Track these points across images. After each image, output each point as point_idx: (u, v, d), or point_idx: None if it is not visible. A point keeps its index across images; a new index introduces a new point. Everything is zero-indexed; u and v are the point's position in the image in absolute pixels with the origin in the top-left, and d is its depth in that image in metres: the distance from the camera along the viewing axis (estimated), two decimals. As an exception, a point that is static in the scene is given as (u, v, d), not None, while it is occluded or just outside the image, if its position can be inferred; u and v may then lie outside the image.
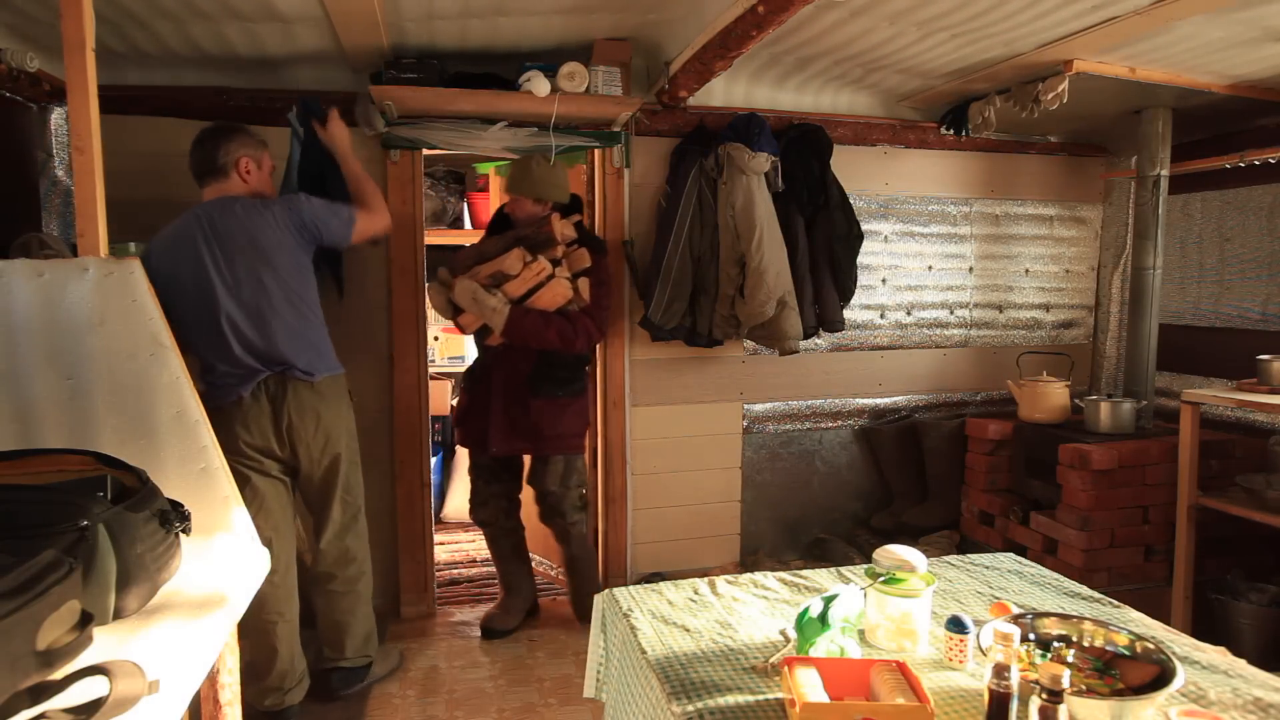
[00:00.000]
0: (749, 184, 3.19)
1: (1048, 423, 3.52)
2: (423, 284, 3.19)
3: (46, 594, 0.86)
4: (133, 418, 1.47)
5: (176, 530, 1.19)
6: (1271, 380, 2.92)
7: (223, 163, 2.36)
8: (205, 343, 2.29)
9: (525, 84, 2.88)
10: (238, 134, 2.41)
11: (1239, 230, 3.49)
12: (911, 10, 2.52)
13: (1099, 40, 2.61)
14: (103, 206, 1.56)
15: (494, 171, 4.45)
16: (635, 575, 3.61)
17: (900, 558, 1.54)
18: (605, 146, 3.36)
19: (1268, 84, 3.02)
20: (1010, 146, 3.93)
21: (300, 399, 2.39)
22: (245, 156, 2.39)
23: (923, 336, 3.94)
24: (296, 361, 2.37)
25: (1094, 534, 3.09)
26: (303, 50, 2.86)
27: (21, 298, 1.46)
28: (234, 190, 2.38)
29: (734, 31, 2.44)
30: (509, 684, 2.79)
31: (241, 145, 2.39)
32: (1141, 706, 1.22)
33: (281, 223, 2.36)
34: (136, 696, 0.86)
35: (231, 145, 2.37)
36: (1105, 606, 1.72)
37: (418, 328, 3.20)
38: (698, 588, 1.81)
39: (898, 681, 1.26)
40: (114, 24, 2.53)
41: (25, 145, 2.79)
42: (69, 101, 1.53)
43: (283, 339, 2.35)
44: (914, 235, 3.87)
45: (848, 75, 3.30)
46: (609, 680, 1.71)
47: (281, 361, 2.35)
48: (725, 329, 3.35)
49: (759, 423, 3.75)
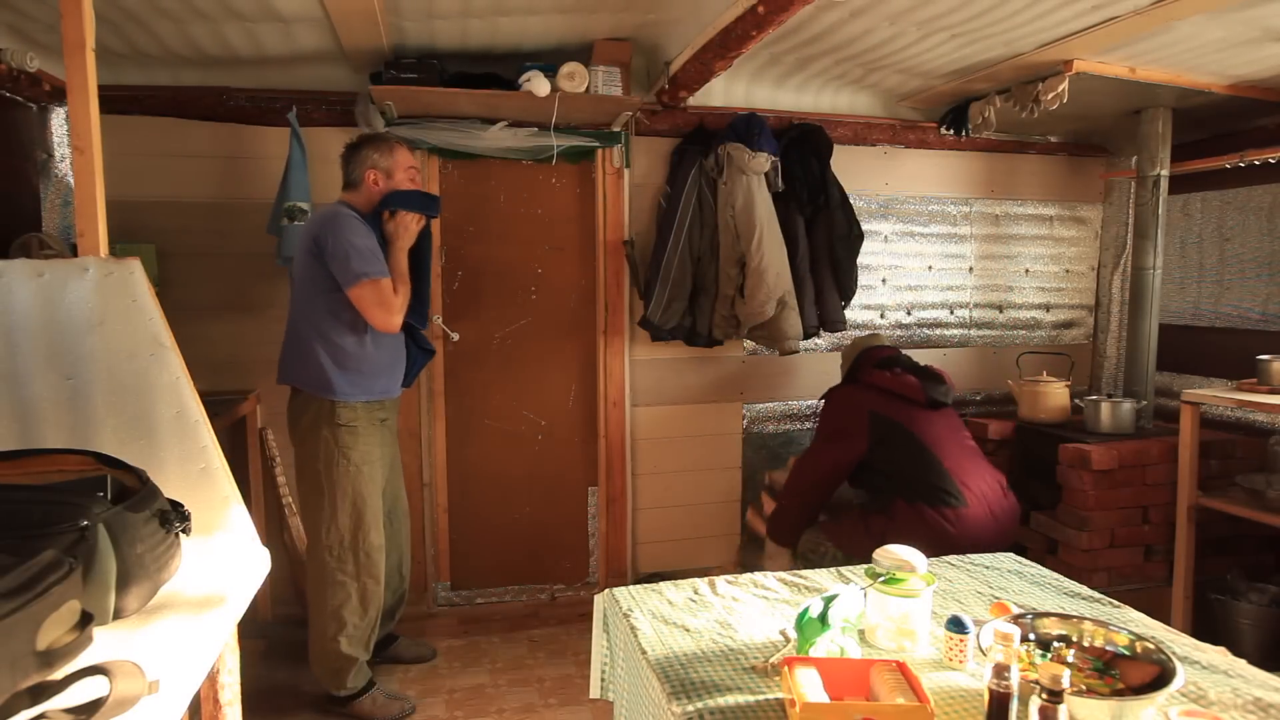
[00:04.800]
0: (749, 184, 3.19)
1: (1048, 423, 3.52)
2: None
3: (46, 594, 0.86)
4: (133, 418, 1.46)
5: (177, 530, 1.19)
6: (1271, 380, 2.92)
7: (354, 176, 2.53)
8: None
9: (525, 84, 2.88)
10: (367, 146, 2.53)
11: (1239, 230, 3.49)
12: (911, 10, 2.52)
13: (1099, 40, 2.61)
14: (103, 206, 1.56)
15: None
16: (636, 575, 3.61)
17: (900, 558, 1.54)
18: (605, 146, 3.36)
19: (1268, 84, 3.02)
20: (1010, 146, 3.93)
21: (288, 402, 2.56)
22: (372, 169, 2.50)
23: (923, 336, 3.94)
24: (280, 366, 2.55)
25: (1094, 534, 3.09)
26: (303, 50, 2.86)
27: (21, 298, 1.46)
28: (360, 198, 2.51)
29: (734, 31, 2.44)
30: (509, 684, 2.79)
31: (367, 158, 2.51)
32: (1141, 706, 1.22)
33: (309, 239, 2.44)
34: (136, 696, 0.86)
35: (359, 158, 2.52)
36: (1105, 606, 1.72)
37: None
38: (698, 588, 1.81)
39: (898, 681, 1.26)
40: (114, 24, 2.53)
41: (25, 145, 2.79)
42: (69, 101, 1.52)
43: (284, 343, 2.54)
44: (914, 235, 3.87)
45: (848, 75, 3.30)
46: (615, 680, 1.70)
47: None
48: (725, 329, 3.36)
49: (759, 423, 3.75)
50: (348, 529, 2.48)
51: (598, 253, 3.46)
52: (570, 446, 3.55)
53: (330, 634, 2.50)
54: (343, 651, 2.50)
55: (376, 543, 2.54)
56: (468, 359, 3.38)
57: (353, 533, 2.49)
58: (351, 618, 2.50)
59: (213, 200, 3.09)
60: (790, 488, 2.94)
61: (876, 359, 2.94)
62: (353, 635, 2.51)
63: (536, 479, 3.51)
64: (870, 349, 3.00)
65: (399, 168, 2.52)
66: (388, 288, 2.39)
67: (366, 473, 2.49)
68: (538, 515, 3.52)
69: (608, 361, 3.49)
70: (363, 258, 2.34)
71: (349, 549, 2.49)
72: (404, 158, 2.55)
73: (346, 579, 2.49)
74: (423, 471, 3.32)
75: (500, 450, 3.46)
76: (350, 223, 2.39)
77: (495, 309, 3.41)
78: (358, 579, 2.50)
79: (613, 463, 3.53)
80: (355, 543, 2.49)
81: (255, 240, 3.06)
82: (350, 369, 2.45)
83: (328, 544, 2.49)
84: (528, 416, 3.48)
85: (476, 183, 3.34)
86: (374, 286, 2.35)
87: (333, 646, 2.50)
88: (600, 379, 3.51)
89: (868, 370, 2.88)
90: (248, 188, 3.10)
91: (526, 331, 3.44)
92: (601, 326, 3.49)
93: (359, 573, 2.51)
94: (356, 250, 2.34)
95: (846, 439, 2.76)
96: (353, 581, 2.50)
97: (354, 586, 2.50)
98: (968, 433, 2.86)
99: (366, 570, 2.52)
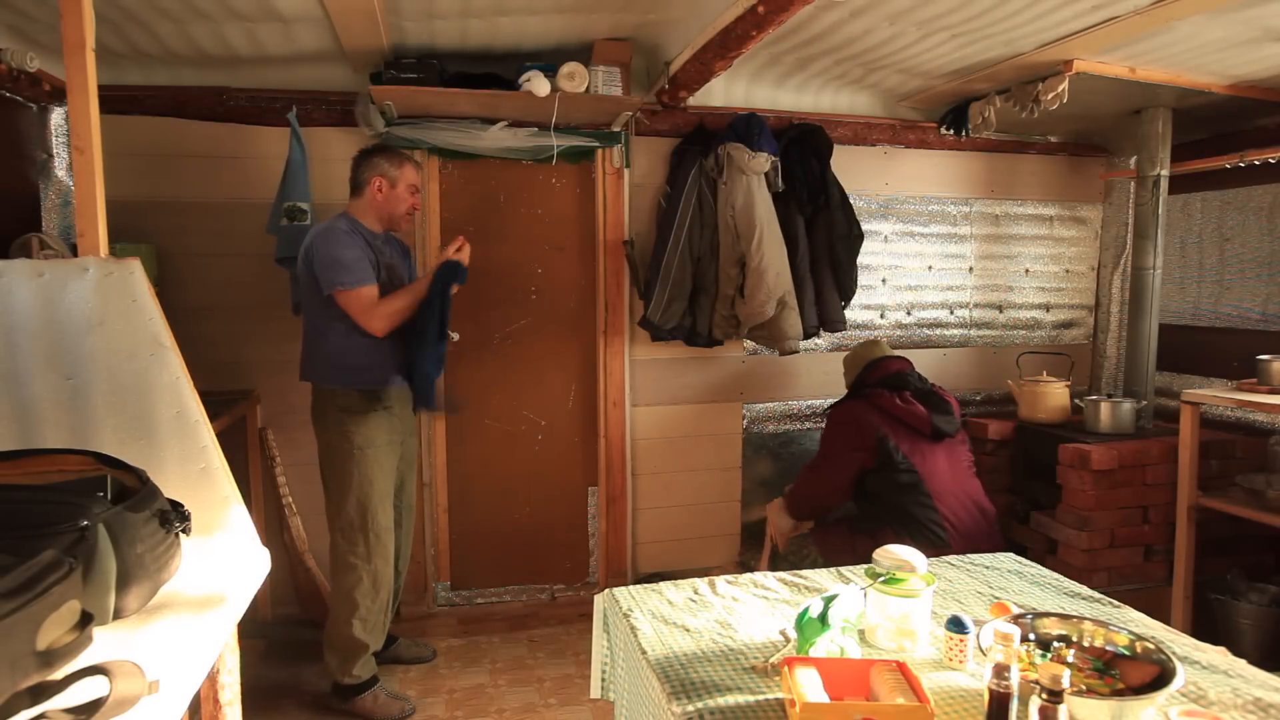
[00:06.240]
0: (749, 184, 3.19)
1: (1048, 423, 3.52)
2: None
3: (46, 594, 0.86)
4: (133, 418, 1.46)
5: (177, 530, 1.19)
6: (1271, 380, 2.92)
7: (361, 179, 2.61)
8: None
9: (525, 84, 2.88)
10: (380, 154, 2.62)
11: (1239, 230, 3.49)
12: (911, 10, 2.52)
13: (1099, 40, 2.61)
14: (103, 206, 1.56)
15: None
16: (636, 575, 3.61)
17: (900, 558, 1.54)
18: (605, 146, 3.36)
19: (1268, 84, 3.02)
20: (1010, 146, 3.93)
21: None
22: (378, 177, 2.59)
23: (923, 336, 3.94)
24: (300, 366, 2.66)
25: (1094, 534, 3.09)
26: (303, 50, 2.86)
27: (21, 298, 1.46)
28: (362, 206, 2.62)
29: (734, 31, 2.44)
30: (509, 684, 2.79)
31: (376, 166, 2.59)
32: (1141, 706, 1.22)
33: (304, 249, 2.56)
34: (136, 696, 0.86)
35: (369, 163, 2.60)
36: (1105, 606, 1.72)
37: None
38: (698, 588, 1.81)
39: (898, 681, 1.26)
40: (114, 24, 2.53)
41: (25, 145, 2.79)
42: (69, 101, 1.52)
43: (302, 344, 2.67)
44: (914, 235, 3.87)
45: (848, 75, 3.30)
46: (616, 680, 1.70)
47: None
48: (725, 329, 3.35)
49: (759, 423, 3.75)
50: (355, 510, 2.58)
51: (598, 253, 3.46)
52: (570, 446, 3.55)
53: (344, 617, 2.58)
54: (355, 635, 2.58)
55: (385, 524, 2.63)
56: (468, 359, 3.38)
57: (360, 514, 2.58)
58: (364, 600, 2.58)
59: (212, 200, 3.09)
60: (796, 502, 3.00)
61: (884, 373, 2.93)
62: (365, 618, 2.59)
63: (536, 479, 3.51)
64: (876, 362, 3.00)
65: (402, 181, 2.61)
66: (364, 296, 2.49)
67: (370, 455, 2.58)
68: (538, 515, 3.52)
69: (608, 361, 3.49)
70: (338, 269, 2.47)
71: (358, 530, 2.58)
72: (410, 174, 2.64)
73: (358, 561, 2.58)
74: (423, 471, 3.32)
75: (500, 450, 3.46)
76: (336, 236, 2.51)
77: (495, 309, 3.41)
78: (369, 561, 2.59)
79: (613, 463, 3.53)
80: (364, 523, 2.58)
81: (255, 240, 3.06)
82: (342, 360, 2.56)
83: (340, 526, 2.60)
84: (528, 416, 3.48)
85: (476, 183, 3.34)
86: (346, 296, 2.48)
87: (345, 630, 2.58)
88: (600, 379, 3.51)
89: (877, 391, 2.87)
90: (248, 188, 3.10)
91: (526, 331, 3.44)
92: (601, 326, 3.49)
93: (370, 555, 2.59)
94: (335, 262, 2.47)
95: (849, 457, 2.78)
96: (364, 564, 2.58)
97: (365, 569, 2.58)
98: (965, 450, 2.89)
99: (377, 552, 2.60)
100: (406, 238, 2.98)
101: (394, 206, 2.62)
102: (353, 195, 2.64)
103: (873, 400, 2.84)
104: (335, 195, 2.93)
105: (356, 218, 2.61)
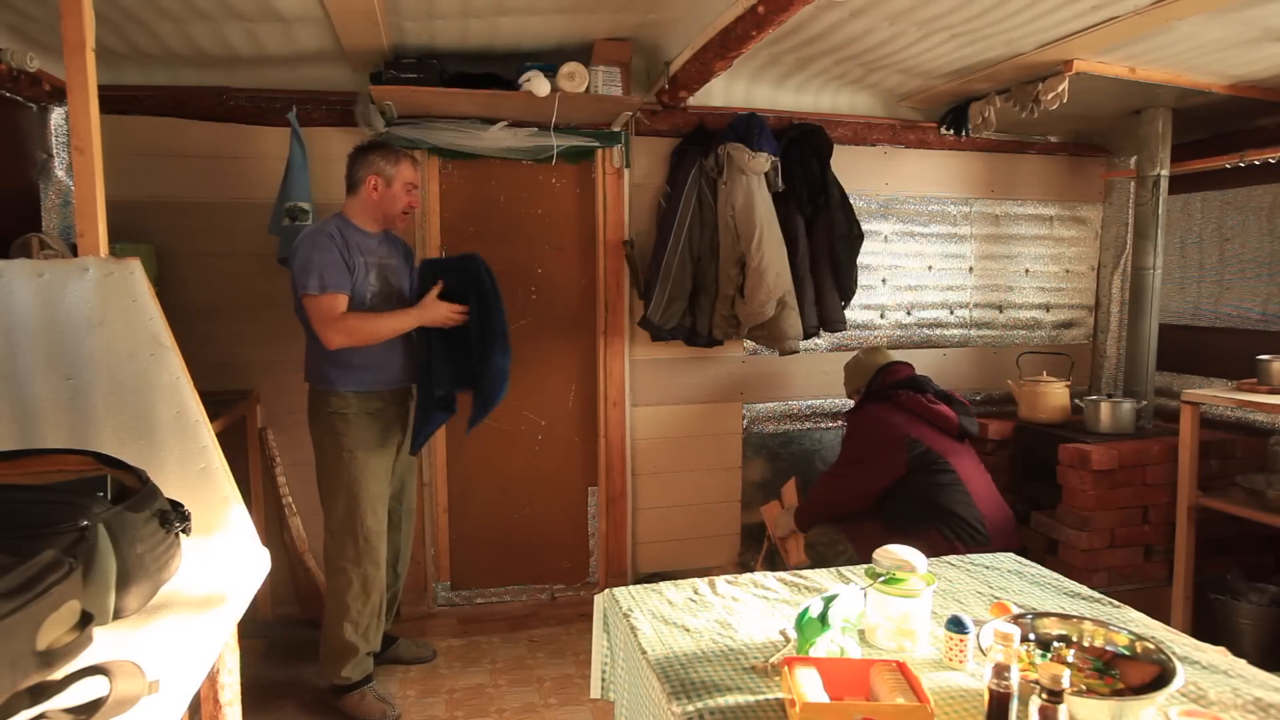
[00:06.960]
0: (749, 184, 3.19)
1: (1048, 423, 3.52)
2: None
3: (46, 594, 0.86)
4: (133, 418, 1.46)
5: (176, 530, 1.19)
6: (1271, 380, 2.92)
7: (356, 178, 2.57)
8: None
9: (525, 84, 2.88)
10: (375, 151, 2.58)
11: (1239, 230, 3.49)
12: (911, 10, 2.52)
13: (1099, 40, 2.61)
14: (103, 206, 1.56)
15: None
16: (636, 575, 3.61)
17: (900, 558, 1.54)
18: (605, 146, 3.36)
19: (1268, 84, 3.02)
20: (1010, 146, 3.93)
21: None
22: (373, 175, 2.55)
23: (923, 336, 3.94)
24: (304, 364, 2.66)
25: (1094, 534, 3.09)
26: (303, 50, 2.86)
27: (21, 298, 1.46)
28: (356, 205, 2.58)
29: (734, 31, 2.44)
30: (509, 684, 2.79)
31: (371, 164, 2.55)
32: (1141, 706, 1.22)
33: (294, 245, 2.53)
34: (136, 696, 0.86)
35: (365, 161, 2.56)
36: (1105, 606, 1.72)
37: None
38: (698, 588, 1.81)
39: (898, 681, 1.26)
40: (114, 24, 2.53)
41: (25, 145, 2.79)
42: (69, 101, 1.52)
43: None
44: (914, 235, 3.87)
45: (848, 75, 3.30)
46: (616, 680, 1.70)
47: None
48: (725, 329, 3.35)
49: (759, 423, 3.75)
50: (345, 514, 2.55)
51: (598, 253, 3.46)
52: (570, 447, 3.55)
53: (335, 619, 2.58)
54: (345, 638, 2.56)
55: (375, 528, 2.59)
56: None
57: (350, 518, 2.55)
58: (354, 603, 2.56)
59: (212, 200, 3.09)
60: (812, 508, 2.98)
61: (898, 377, 2.92)
62: (355, 621, 2.57)
63: (536, 479, 3.51)
64: (886, 367, 2.99)
65: (398, 179, 2.57)
66: (325, 304, 2.43)
67: (361, 458, 2.55)
68: (538, 515, 3.52)
69: (608, 361, 3.49)
70: (307, 274, 2.42)
71: (346, 533, 2.56)
72: (407, 172, 2.59)
73: (347, 564, 2.56)
74: (423, 471, 3.31)
75: (500, 450, 3.46)
76: (316, 239, 2.46)
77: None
78: (359, 564, 2.56)
79: (613, 463, 3.53)
80: (353, 527, 2.55)
81: (255, 240, 3.06)
82: (337, 362, 2.52)
83: (330, 529, 2.59)
84: (527, 416, 3.48)
85: (476, 183, 3.34)
86: (310, 301, 2.44)
87: (336, 631, 2.57)
88: (600, 379, 3.51)
89: (901, 393, 2.84)
90: (248, 188, 3.10)
91: (526, 331, 3.44)
92: (601, 326, 3.49)
93: (359, 558, 2.56)
94: (307, 265, 2.43)
95: (881, 463, 2.73)
96: (353, 567, 2.56)
97: (355, 572, 2.56)
98: (976, 450, 2.91)
99: (366, 555, 2.57)
100: (405, 237, 2.98)
101: (390, 205, 2.58)
102: (348, 194, 2.61)
103: (898, 401, 2.82)
104: (336, 195, 2.93)
105: (350, 218, 2.57)
